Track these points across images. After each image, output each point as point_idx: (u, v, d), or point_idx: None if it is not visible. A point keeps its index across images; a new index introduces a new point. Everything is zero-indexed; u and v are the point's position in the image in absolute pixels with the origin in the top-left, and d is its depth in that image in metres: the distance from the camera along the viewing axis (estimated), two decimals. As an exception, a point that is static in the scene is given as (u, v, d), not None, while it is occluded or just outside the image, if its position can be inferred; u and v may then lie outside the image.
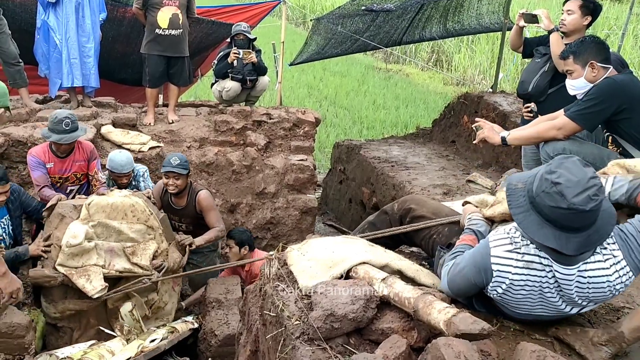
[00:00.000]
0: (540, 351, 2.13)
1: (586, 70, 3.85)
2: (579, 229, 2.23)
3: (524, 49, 5.66)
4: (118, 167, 5.81)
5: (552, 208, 2.23)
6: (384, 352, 2.30)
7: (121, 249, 4.89)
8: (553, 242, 2.25)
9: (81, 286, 4.66)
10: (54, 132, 5.41)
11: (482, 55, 18.63)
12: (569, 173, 2.23)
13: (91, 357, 4.35)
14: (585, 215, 2.19)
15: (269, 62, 9.05)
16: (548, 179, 2.25)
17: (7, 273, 3.52)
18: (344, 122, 14.73)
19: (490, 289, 2.46)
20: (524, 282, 2.38)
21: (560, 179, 2.22)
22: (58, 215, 4.92)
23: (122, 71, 8.93)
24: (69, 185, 5.74)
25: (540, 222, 2.28)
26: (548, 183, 2.24)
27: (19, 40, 6.93)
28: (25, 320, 4.68)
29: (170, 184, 5.80)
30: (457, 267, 2.59)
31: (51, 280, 4.74)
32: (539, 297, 2.41)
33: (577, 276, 2.33)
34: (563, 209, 2.20)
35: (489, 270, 2.42)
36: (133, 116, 7.38)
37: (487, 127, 4.12)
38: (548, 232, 2.26)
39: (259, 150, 7.62)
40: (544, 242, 2.27)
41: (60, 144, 5.47)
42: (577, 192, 2.18)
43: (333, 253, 2.94)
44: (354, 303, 2.46)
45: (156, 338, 4.64)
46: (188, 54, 7.57)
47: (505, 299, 2.47)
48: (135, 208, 4.96)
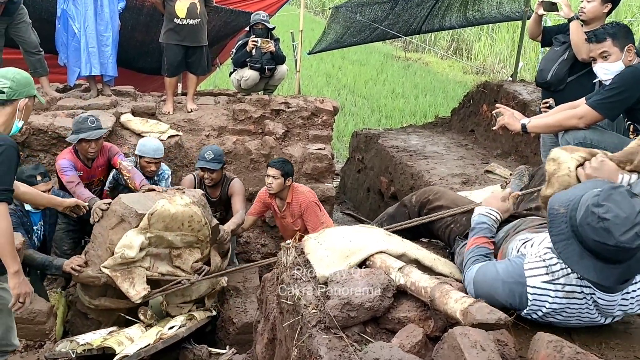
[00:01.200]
0: (557, 341, 2.12)
1: (624, 53, 3.81)
2: (620, 261, 2.19)
3: (543, 37, 5.60)
4: (150, 151, 5.85)
5: (597, 242, 2.16)
6: (400, 341, 2.30)
7: (167, 253, 4.88)
8: (594, 275, 2.20)
9: (125, 290, 4.61)
10: (81, 132, 5.41)
11: (502, 44, 18.47)
12: (618, 208, 2.14)
13: (110, 344, 4.40)
14: (631, 251, 2.15)
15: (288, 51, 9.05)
16: (595, 212, 2.16)
17: (19, 273, 3.39)
18: (362, 111, 14.69)
19: (525, 314, 2.43)
20: (562, 309, 2.36)
21: (608, 215, 2.13)
22: (118, 216, 4.74)
23: (141, 60, 8.97)
24: (92, 187, 5.76)
25: (581, 252, 2.21)
26: (595, 217, 2.15)
27: (39, 29, 6.97)
28: (46, 307, 4.75)
29: (206, 177, 5.90)
30: (485, 279, 2.50)
31: (95, 280, 4.72)
32: (576, 316, 2.40)
33: (620, 299, 2.32)
34: (609, 246, 2.13)
35: (525, 298, 2.37)
36: (152, 105, 7.41)
37: (507, 114, 4.08)
38: (589, 263, 2.20)
39: (277, 139, 7.62)
40: (585, 275, 2.22)
41: (90, 141, 5.44)
42: (625, 229, 2.11)
43: (350, 242, 2.94)
44: (370, 292, 2.47)
45: (174, 325, 4.67)
46: (206, 43, 7.58)
47: (540, 318, 2.45)
48: (192, 219, 4.85)
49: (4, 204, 3.33)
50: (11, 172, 3.39)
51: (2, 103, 3.47)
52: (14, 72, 3.57)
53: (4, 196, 3.33)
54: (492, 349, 2.03)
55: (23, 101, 3.53)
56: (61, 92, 7.75)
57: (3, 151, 3.29)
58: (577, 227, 2.21)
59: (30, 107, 3.66)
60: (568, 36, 5.11)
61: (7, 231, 3.32)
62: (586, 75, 4.86)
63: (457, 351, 2.02)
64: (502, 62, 18.10)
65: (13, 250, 3.37)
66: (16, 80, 3.50)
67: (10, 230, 3.35)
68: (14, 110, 3.51)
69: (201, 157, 5.89)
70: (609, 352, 2.40)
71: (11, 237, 3.35)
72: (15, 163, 3.42)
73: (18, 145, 3.53)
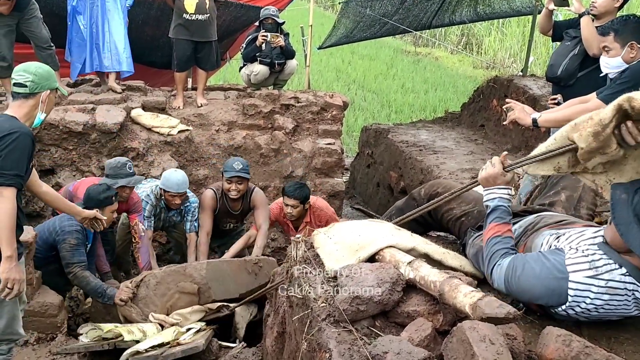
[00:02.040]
0: (566, 335, 2.12)
1: (625, 50, 3.80)
2: None
3: (554, 32, 5.58)
4: (174, 186, 5.68)
5: None
6: (409, 334, 2.31)
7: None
8: None
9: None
10: (119, 177, 5.35)
11: (512, 39, 18.39)
12: None
13: (119, 331, 4.42)
14: None
15: (297, 46, 9.04)
16: None
17: (12, 258, 3.40)
18: (372, 106, 14.68)
19: (562, 309, 2.42)
20: (601, 305, 2.35)
21: None
22: (194, 286, 4.79)
23: (151, 54, 8.99)
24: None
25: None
26: None
27: (50, 25, 6.99)
28: (58, 300, 4.79)
29: (233, 189, 5.78)
30: (519, 274, 2.49)
31: (133, 318, 4.78)
32: (613, 312, 2.40)
33: None
34: None
35: (564, 293, 2.37)
36: (162, 99, 7.44)
37: (518, 108, 4.06)
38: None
39: (287, 134, 7.63)
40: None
41: (125, 187, 5.40)
42: None
43: (359, 236, 2.95)
44: (380, 286, 2.47)
45: (192, 328, 4.65)
46: (216, 38, 7.59)
47: (577, 315, 2.44)
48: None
49: (12, 188, 3.39)
50: (24, 159, 3.46)
51: (25, 96, 3.59)
52: (36, 66, 3.69)
53: (14, 181, 3.39)
54: (500, 342, 2.04)
55: (45, 94, 3.64)
56: (72, 87, 7.79)
57: (17, 137, 3.38)
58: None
59: (53, 99, 3.77)
60: (579, 31, 5.09)
61: (9, 214, 3.36)
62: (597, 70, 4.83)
63: (465, 345, 2.03)
64: (512, 56, 18.03)
65: (10, 236, 3.39)
66: (38, 74, 3.62)
67: (13, 214, 3.39)
68: (37, 102, 3.62)
69: (229, 169, 5.75)
70: (618, 346, 2.41)
71: (11, 222, 3.38)
72: (30, 151, 3.50)
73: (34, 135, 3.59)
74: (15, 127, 3.42)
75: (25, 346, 4.60)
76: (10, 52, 6.68)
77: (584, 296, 2.34)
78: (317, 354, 2.44)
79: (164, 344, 4.36)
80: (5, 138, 3.38)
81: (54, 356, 4.58)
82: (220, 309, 4.82)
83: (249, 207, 6.09)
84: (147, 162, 6.87)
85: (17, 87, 3.61)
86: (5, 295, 3.46)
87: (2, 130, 3.41)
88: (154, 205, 5.87)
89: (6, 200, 3.36)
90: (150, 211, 5.84)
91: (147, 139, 6.94)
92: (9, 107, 3.66)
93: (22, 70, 3.62)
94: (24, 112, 3.58)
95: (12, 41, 6.72)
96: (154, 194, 5.82)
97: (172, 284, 4.77)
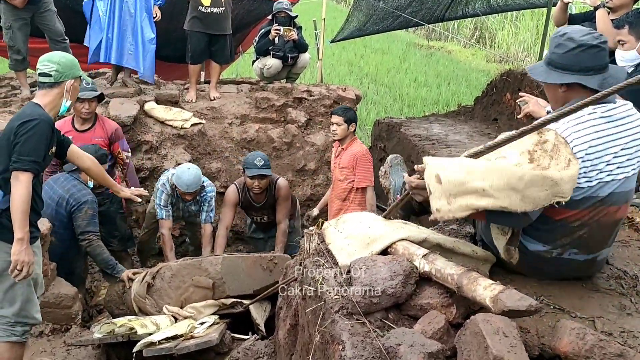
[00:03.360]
0: (581, 329, 2.12)
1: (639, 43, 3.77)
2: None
3: (569, 25, 5.54)
4: (184, 186, 5.64)
5: (564, 54, 2.55)
6: (422, 327, 2.31)
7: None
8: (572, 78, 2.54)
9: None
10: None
11: (526, 32, 18.29)
12: (573, 29, 2.61)
13: (132, 324, 4.44)
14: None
15: (310, 39, 9.04)
16: (556, 35, 2.63)
17: (23, 241, 3.50)
18: (384, 100, 14.63)
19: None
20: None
21: (566, 30, 2.60)
22: (209, 281, 4.79)
23: (164, 48, 8.99)
24: None
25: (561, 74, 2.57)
26: (557, 37, 2.61)
27: (64, 18, 7.03)
28: (72, 292, 4.82)
29: (255, 185, 5.78)
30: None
31: (145, 308, 4.80)
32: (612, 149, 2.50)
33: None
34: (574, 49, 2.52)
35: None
36: (175, 93, 7.46)
37: (532, 102, 4.04)
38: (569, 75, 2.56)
39: (300, 127, 7.64)
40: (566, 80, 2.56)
41: (84, 101, 5.49)
42: (583, 34, 2.54)
43: (369, 229, 2.95)
44: (393, 279, 2.47)
45: (206, 321, 4.66)
46: (230, 32, 7.60)
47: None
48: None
49: (28, 173, 3.51)
50: (42, 146, 3.57)
51: (50, 85, 3.72)
52: (60, 56, 3.82)
53: (30, 166, 3.51)
54: (514, 335, 2.04)
55: (69, 82, 3.76)
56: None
57: (36, 125, 3.52)
58: (550, 58, 2.65)
59: (77, 87, 3.89)
60: (594, 24, 5.05)
61: (24, 199, 3.48)
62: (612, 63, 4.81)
63: (479, 337, 2.03)
64: (525, 50, 17.93)
65: (23, 219, 3.50)
66: (62, 64, 3.74)
67: (28, 199, 3.50)
68: (62, 91, 3.75)
69: (250, 165, 5.72)
70: (632, 340, 2.39)
71: (25, 206, 3.49)
72: (48, 138, 3.61)
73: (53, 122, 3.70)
74: (35, 114, 3.55)
75: (40, 337, 4.65)
76: (25, 45, 6.72)
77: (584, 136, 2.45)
78: (330, 345, 2.45)
79: (178, 337, 4.37)
80: (26, 124, 3.52)
81: (69, 347, 4.62)
82: (234, 306, 4.84)
83: (273, 198, 6.06)
84: (160, 155, 6.90)
85: (42, 77, 3.72)
86: (14, 277, 3.56)
87: (23, 117, 3.56)
88: (169, 195, 5.88)
89: (21, 185, 3.48)
90: (165, 200, 5.86)
91: (160, 132, 6.97)
92: (35, 96, 3.78)
93: (46, 60, 3.74)
94: (48, 100, 3.70)
95: (27, 34, 6.76)
96: (170, 184, 5.83)
97: (187, 277, 4.79)
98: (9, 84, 7.87)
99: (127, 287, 4.93)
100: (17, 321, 3.74)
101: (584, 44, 2.50)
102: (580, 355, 2.08)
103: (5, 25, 6.61)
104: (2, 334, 3.73)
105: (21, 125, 3.51)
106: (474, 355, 2.03)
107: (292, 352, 3.34)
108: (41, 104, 3.67)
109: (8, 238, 3.56)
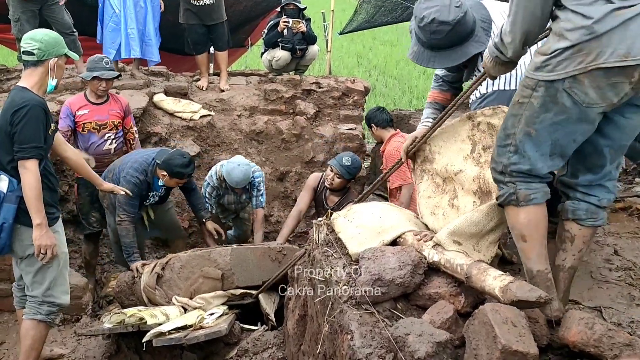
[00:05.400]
0: (589, 318, 2.12)
1: None
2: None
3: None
4: (233, 183, 5.63)
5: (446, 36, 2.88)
6: (431, 317, 2.32)
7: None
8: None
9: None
10: (95, 70, 5.50)
11: (536, 22, 18.17)
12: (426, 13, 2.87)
13: (142, 314, 4.47)
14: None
15: (319, 31, 9.02)
16: (422, 24, 2.91)
17: (42, 225, 3.60)
18: (393, 92, 14.61)
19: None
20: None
21: (425, 15, 2.88)
22: (218, 272, 4.76)
23: (172, 40, 9.01)
24: (107, 132, 5.70)
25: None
26: (426, 25, 2.89)
27: (72, 11, 7.04)
28: (83, 282, 4.87)
29: (330, 177, 5.61)
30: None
31: (154, 299, 4.81)
32: None
33: None
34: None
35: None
36: (185, 85, 7.47)
37: None
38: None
39: (308, 119, 7.63)
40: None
41: (102, 80, 5.54)
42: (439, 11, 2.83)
43: (380, 219, 2.95)
44: (401, 269, 2.48)
45: (215, 312, 4.68)
46: (225, 18, 7.57)
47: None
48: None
49: (33, 160, 3.57)
50: (39, 129, 3.61)
51: (34, 64, 3.71)
52: (42, 34, 3.79)
53: (33, 152, 3.57)
54: (523, 325, 2.04)
55: (53, 60, 3.75)
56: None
57: (28, 110, 3.56)
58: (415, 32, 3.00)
59: (62, 65, 3.89)
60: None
61: (34, 185, 3.56)
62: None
63: (487, 327, 2.03)
64: (536, 41, 17.81)
65: (38, 205, 3.58)
66: (44, 42, 3.72)
67: (38, 185, 3.57)
68: (46, 70, 3.74)
69: (338, 158, 5.62)
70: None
71: (38, 192, 3.57)
72: (43, 119, 3.64)
73: (46, 104, 3.72)
74: (25, 100, 3.58)
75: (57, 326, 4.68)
76: (33, 37, 6.73)
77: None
78: (338, 335, 2.46)
79: (187, 327, 4.39)
80: (18, 112, 3.55)
81: (79, 337, 4.66)
82: (243, 297, 4.85)
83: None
84: (169, 147, 6.91)
85: (25, 55, 3.72)
86: (41, 260, 3.68)
87: (14, 105, 3.58)
88: (214, 187, 5.89)
89: (29, 173, 3.55)
90: (210, 193, 5.89)
91: (169, 124, 6.98)
92: (22, 77, 3.78)
93: (29, 39, 3.72)
94: (34, 80, 3.70)
95: (36, 26, 6.74)
96: (217, 176, 5.83)
97: (197, 268, 4.80)
98: (18, 76, 7.89)
99: (136, 278, 4.96)
100: (44, 301, 3.85)
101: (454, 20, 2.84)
102: (589, 345, 2.09)
103: (13, 17, 6.62)
104: (29, 311, 3.86)
105: (14, 114, 3.55)
106: (483, 345, 2.04)
107: (301, 342, 3.36)
108: (28, 86, 3.68)
109: (31, 223, 3.64)
